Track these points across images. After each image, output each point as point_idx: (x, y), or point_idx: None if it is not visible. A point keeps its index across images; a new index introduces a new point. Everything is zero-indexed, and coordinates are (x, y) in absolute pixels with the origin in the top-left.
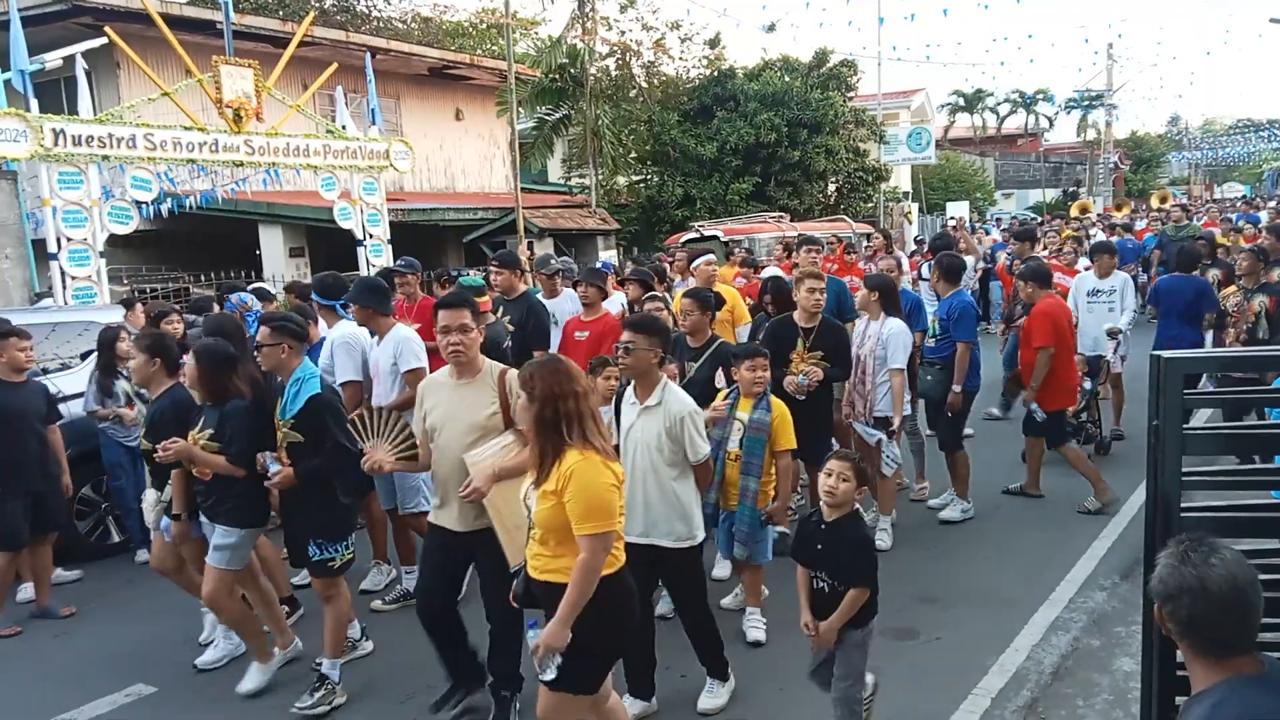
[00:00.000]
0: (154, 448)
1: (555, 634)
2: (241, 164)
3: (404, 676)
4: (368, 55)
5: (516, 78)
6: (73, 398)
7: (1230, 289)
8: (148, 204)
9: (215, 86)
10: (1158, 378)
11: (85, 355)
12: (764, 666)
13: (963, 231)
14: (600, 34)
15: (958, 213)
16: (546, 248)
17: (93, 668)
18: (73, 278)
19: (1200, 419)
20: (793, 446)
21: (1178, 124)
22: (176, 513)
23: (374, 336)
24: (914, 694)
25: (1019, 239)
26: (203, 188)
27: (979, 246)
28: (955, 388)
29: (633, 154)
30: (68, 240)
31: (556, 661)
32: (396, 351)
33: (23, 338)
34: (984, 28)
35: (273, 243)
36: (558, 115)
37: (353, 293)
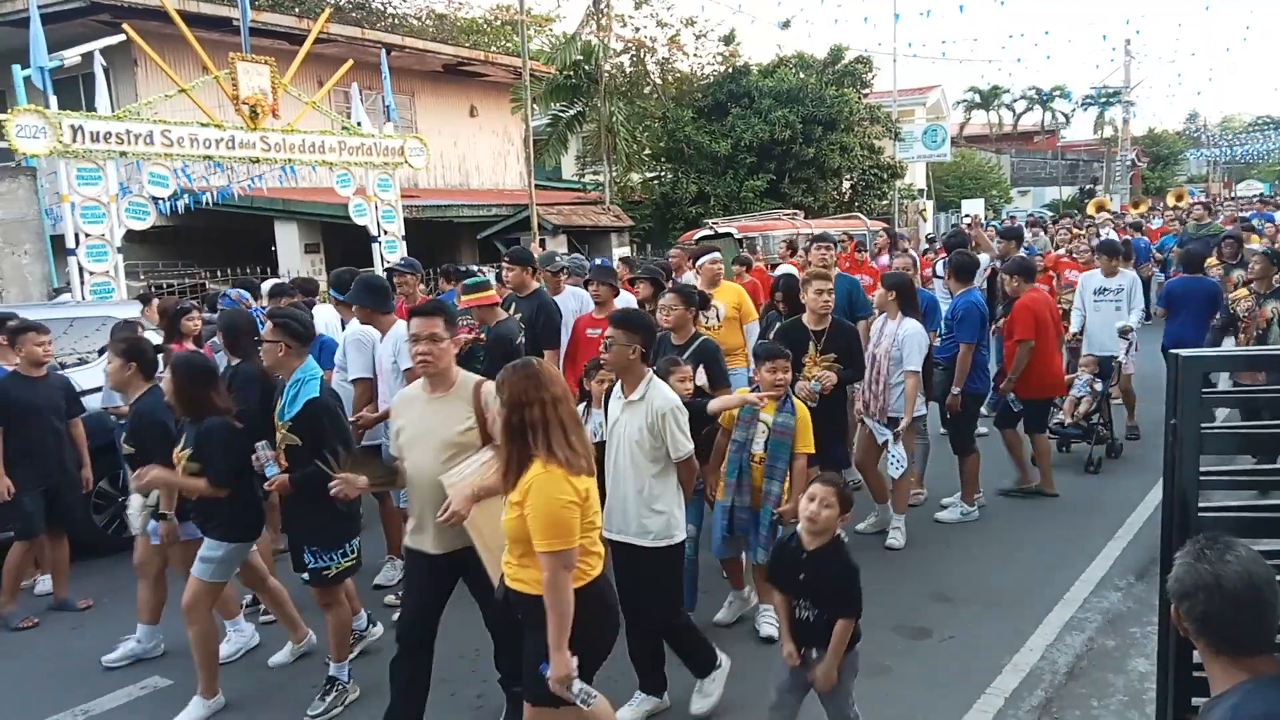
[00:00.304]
0: (134, 452)
1: (558, 664)
2: (257, 160)
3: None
4: (383, 52)
5: (531, 74)
6: (90, 392)
7: (1242, 292)
8: (164, 200)
9: (232, 83)
10: (1175, 376)
11: (102, 350)
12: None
13: (977, 229)
14: (615, 30)
15: (973, 210)
16: (560, 245)
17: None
18: (90, 273)
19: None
20: (811, 450)
21: (1196, 121)
22: (164, 512)
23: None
24: (927, 693)
25: (1005, 238)
26: (219, 184)
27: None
28: (954, 389)
29: (647, 151)
30: (85, 236)
31: (578, 687)
32: (396, 350)
33: (41, 332)
34: (1000, 24)
35: (288, 239)
36: (572, 112)
37: (353, 292)
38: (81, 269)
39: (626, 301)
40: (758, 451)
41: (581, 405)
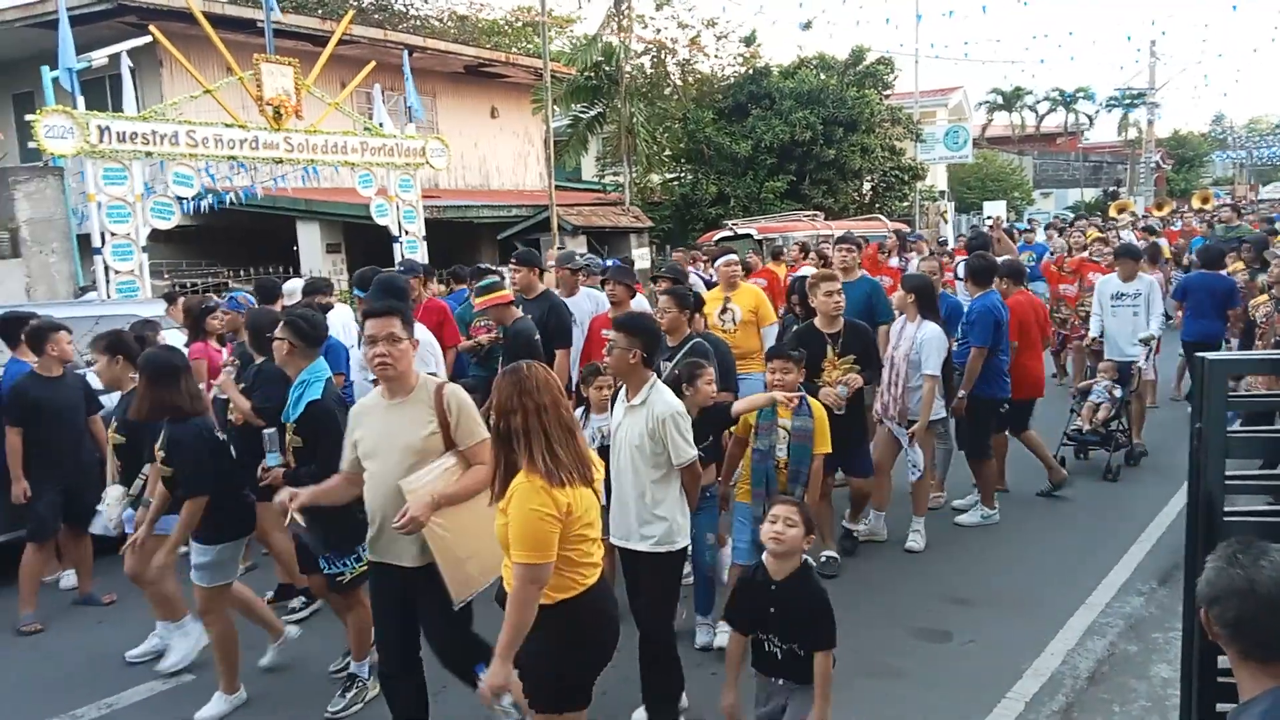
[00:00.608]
0: (125, 442)
1: (496, 671)
2: (281, 161)
3: (438, 669)
4: (405, 53)
5: (552, 75)
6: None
7: (1261, 298)
8: (189, 200)
9: (256, 84)
10: (1201, 380)
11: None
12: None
13: (999, 231)
14: (636, 32)
15: (995, 212)
16: (580, 245)
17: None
18: (116, 272)
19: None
20: (828, 450)
21: (1222, 122)
22: (145, 498)
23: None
24: (946, 697)
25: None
26: (242, 184)
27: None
28: (960, 393)
29: (667, 152)
30: (111, 235)
31: (507, 701)
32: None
33: (68, 331)
34: (1023, 25)
35: (310, 239)
36: (592, 113)
37: (369, 293)
38: (107, 268)
39: (641, 303)
40: (781, 457)
41: (579, 410)
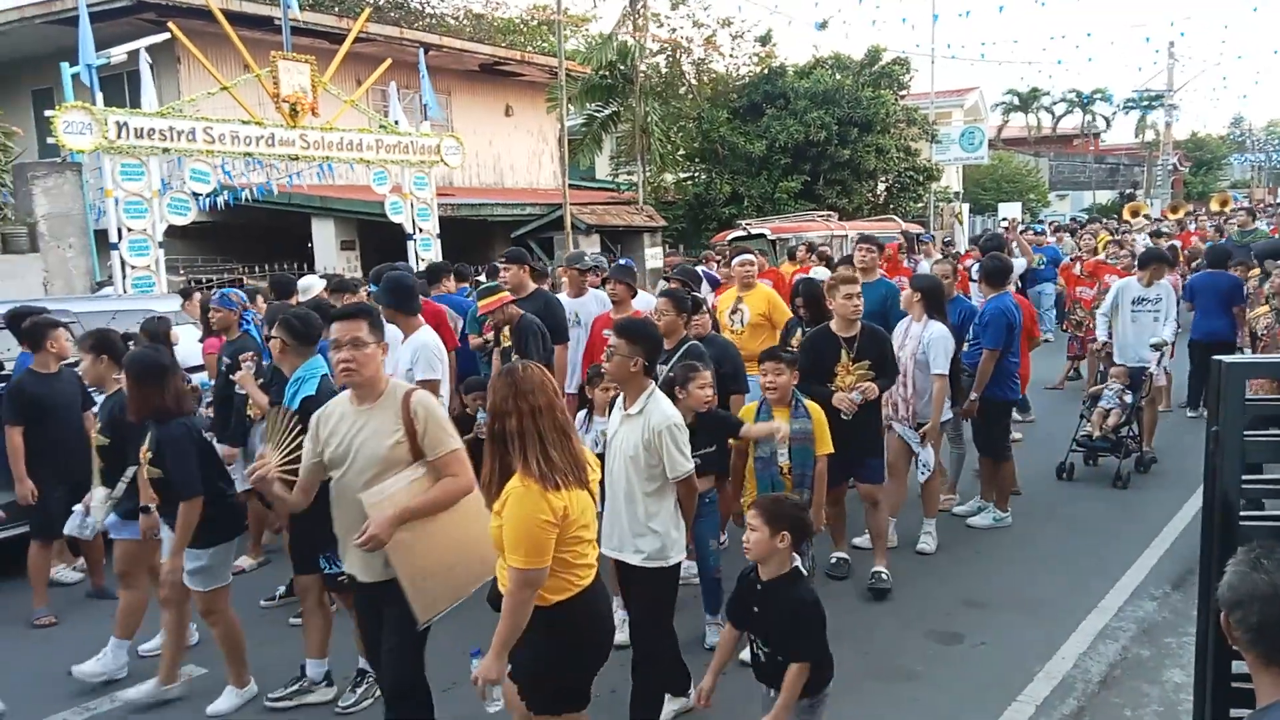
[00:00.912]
0: (109, 443)
1: (489, 666)
2: (296, 158)
3: (446, 666)
4: (421, 51)
5: (567, 74)
6: None
7: (1263, 309)
8: (205, 196)
9: (273, 81)
10: (1218, 383)
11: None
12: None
13: (1014, 233)
14: (651, 31)
15: (1010, 214)
16: (593, 244)
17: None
18: (132, 267)
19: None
20: (829, 450)
21: (1241, 125)
22: (145, 505)
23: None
24: (958, 699)
25: (981, 249)
26: (258, 181)
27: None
28: (972, 395)
29: (681, 151)
30: (128, 230)
31: (497, 693)
32: (414, 357)
33: (67, 328)
34: (1041, 25)
35: (325, 235)
36: (607, 112)
37: (379, 292)
38: (124, 263)
39: (647, 301)
40: (784, 463)
41: (582, 412)
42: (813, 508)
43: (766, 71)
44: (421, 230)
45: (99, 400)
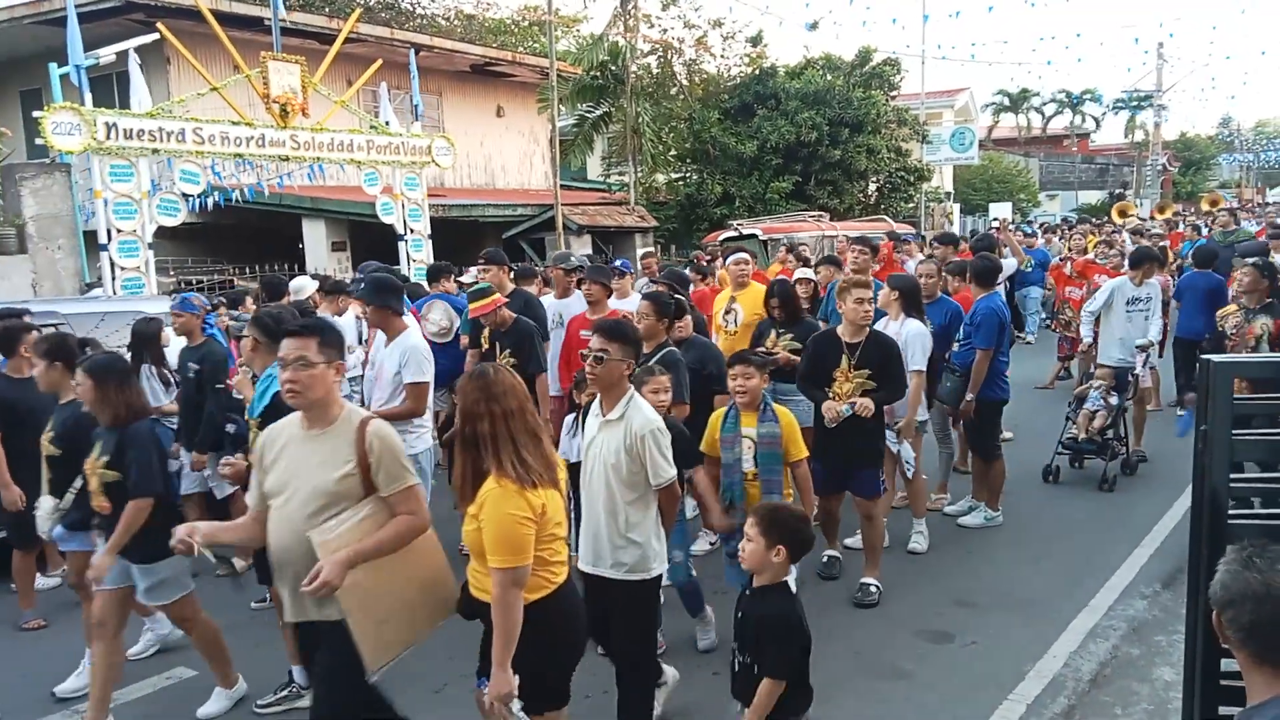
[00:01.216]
0: (60, 454)
1: (498, 680)
2: (287, 158)
3: (438, 667)
4: (411, 52)
5: (558, 75)
6: None
7: (1231, 308)
8: (195, 197)
9: (263, 82)
10: (1206, 382)
11: (130, 346)
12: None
13: (1005, 233)
14: (642, 31)
15: (1001, 214)
16: (585, 245)
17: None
18: (122, 268)
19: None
20: (805, 455)
21: (1229, 125)
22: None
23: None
24: (948, 698)
25: (941, 244)
26: (248, 181)
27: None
28: (969, 395)
29: (672, 151)
30: (117, 232)
31: (518, 706)
32: (403, 360)
33: (40, 332)
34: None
35: (315, 236)
36: (598, 112)
37: (363, 291)
38: (113, 264)
39: (632, 303)
40: (749, 469)
41: (571, 417)
42: (806, 510)
43: (758, 72)
44: (413, 231)
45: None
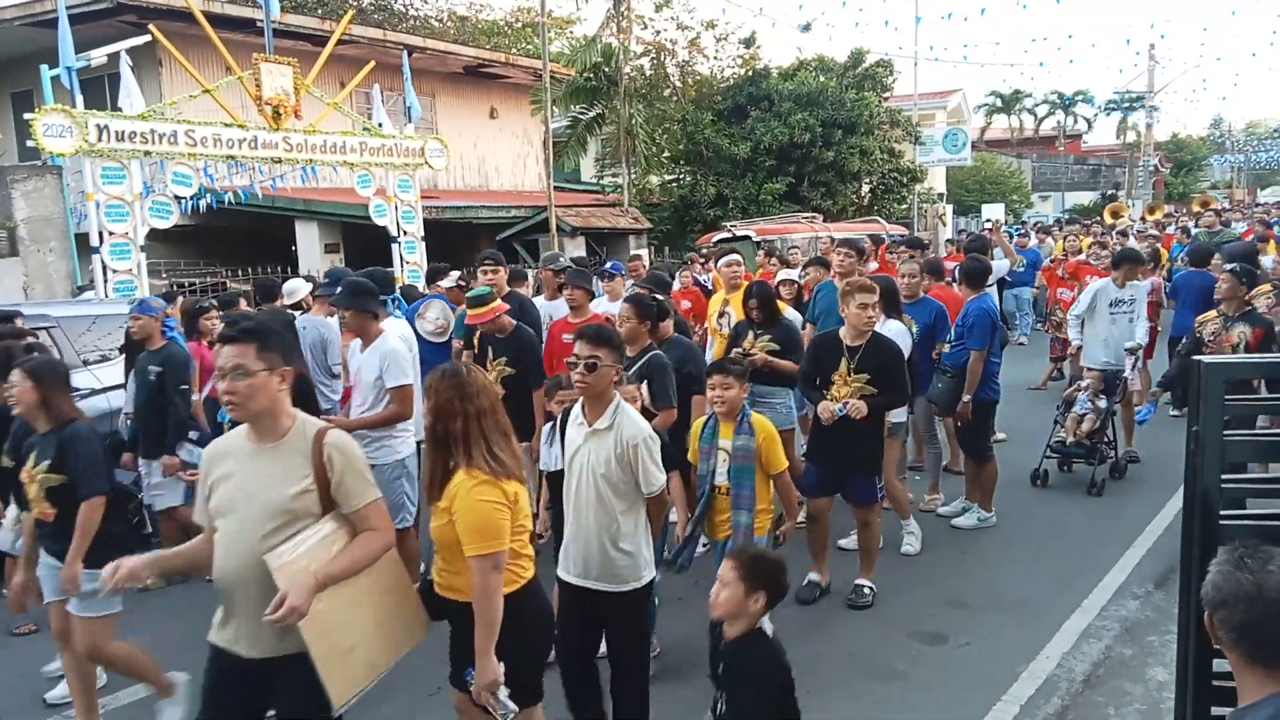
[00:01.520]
0: (13, 466)
1: (484, 669)
2: (280, 160)
3: (433, 670)
4: (404, 54)
5: (551, 76)
6: (113, 389)
7: (1210, 314)
8: (187, 199)
9: (255, 84)
10: (1198, 383)
11: (123, 349)
12: None
13: (998, 234)
14: (635, 33)
15: (994, 215)
16: (579, 246)
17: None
18: (114, 271)
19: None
20: (785, 466)
21: (1220, 126)
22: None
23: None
24: (941, 699)
25: (910, 247)
26: (241, 184)
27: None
28: (965, 397)
29: (666, 153)
30: (109, 234)
31: (505, 694)
32: (383, 364)
33: (35, 336)
34: (1023, 28)
35: (309, 238)
36: (591, 114)
37: (341, 295)
38: (105, 267)
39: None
40: (722, 483)
41: (548, 426)
42: (787, 526)
43: (751, 74)
44: (406, 233)
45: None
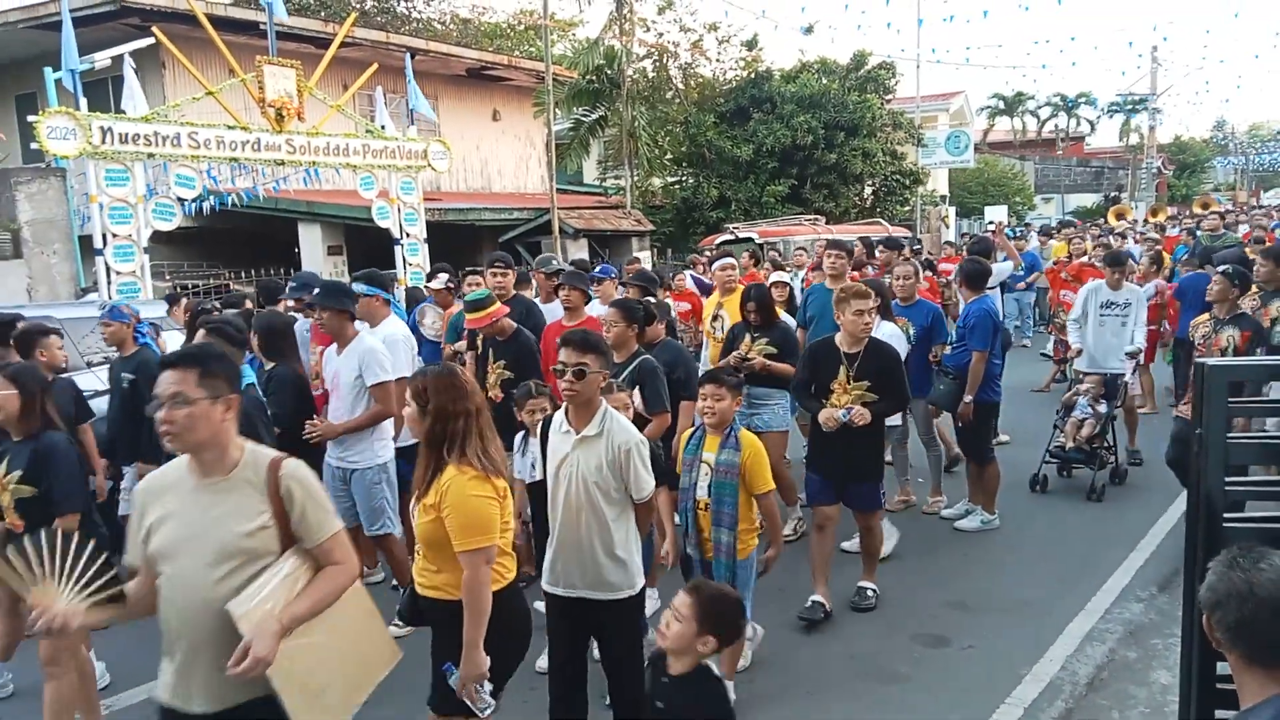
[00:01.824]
0: None
1: (471, 662)
2: (283, 163)
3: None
4: (407, 56)
5: (554, 79)
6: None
7: (1203, 318)
8: (190, 201)
9: (258, 86)
10: (1202, 385)
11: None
12: None
13: (1001, 236)
14: (638, 35)
15: (996, 217)
16: (581, 249)
17: (130, 657)
18: (117, 273)
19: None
20: (771, 488)
21: (1224, 128)
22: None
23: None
24: (945, 702)
25: (888, 247)
26: (244, 186)
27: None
28: (966, 398)
29: (668, 155)
30: (113, 236)
31: (488, 690)
32: (361, 364)
33: (60, 335)
34: (1025, 30)
35: (312, 241)
36: (594, 116)
37: (320, 296)
38: (108, 269)
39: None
40: (702, 498)
41: (520, 435)
42: (771, 553)
43: (753, 76)
44: (409, 235)
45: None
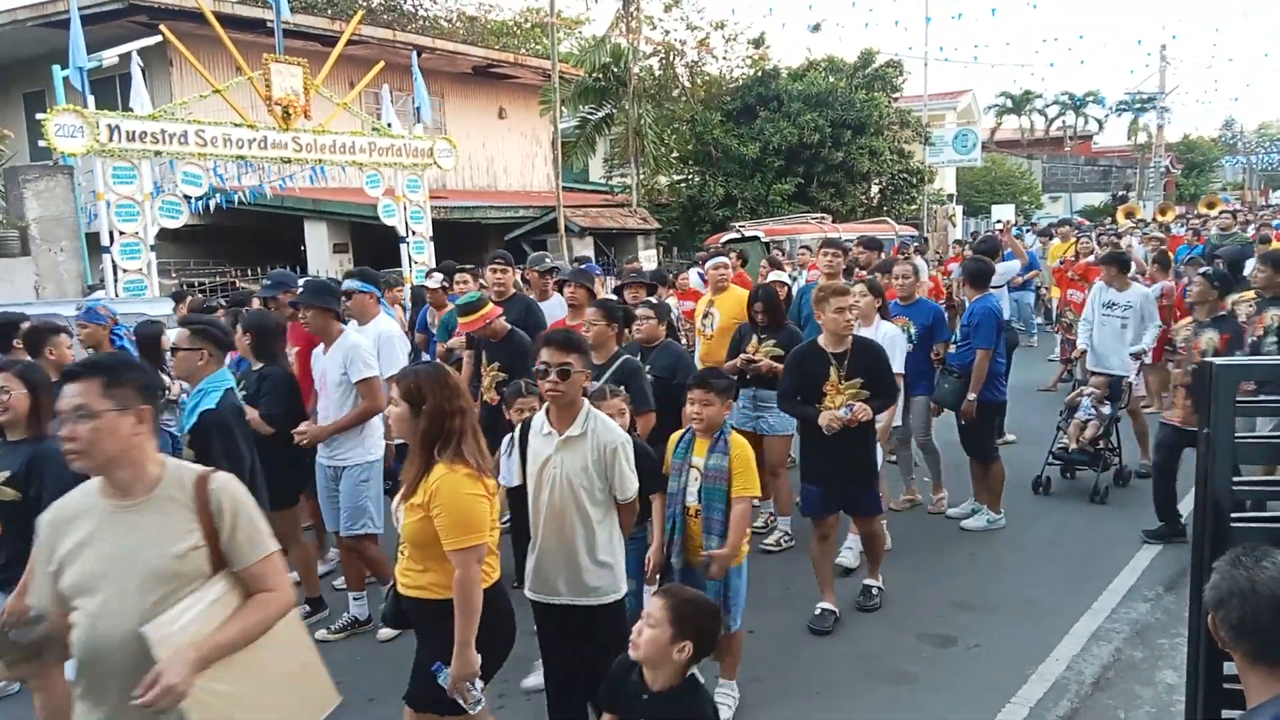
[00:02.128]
0: None
1: (462, 660)
2: (289, 160)
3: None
4: (414, 54)
5: (560, 77)
6: None
7: (1186, 320)
8: (197, 199)
9: (265, 84)
10: (1209, 384)
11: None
12: None
13: (1008, 235)
14: (644, 33)
15: (1004, 216)
16: (587, 247)
17: None
18: (124, 270)
19: None
20: (754, 493)
21: (1232, 127)
22: None
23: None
24: (951, 701)
25: (868, 248)
26: (251, 183)
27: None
28: (970, 396)
29: (675, 153)
30: (120, 234)
31: (479, 688)
32: (347, 360)
33: (69, 334)
34: (1033, 28)
35: (318, 238)
36: (600, 114)
37: (304, 295)
38: (115, 266)
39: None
40: (692, 504)
41: (506, 439)
42: (725, 551)
43: (760, 74)
44: (414, 233)
45: None
